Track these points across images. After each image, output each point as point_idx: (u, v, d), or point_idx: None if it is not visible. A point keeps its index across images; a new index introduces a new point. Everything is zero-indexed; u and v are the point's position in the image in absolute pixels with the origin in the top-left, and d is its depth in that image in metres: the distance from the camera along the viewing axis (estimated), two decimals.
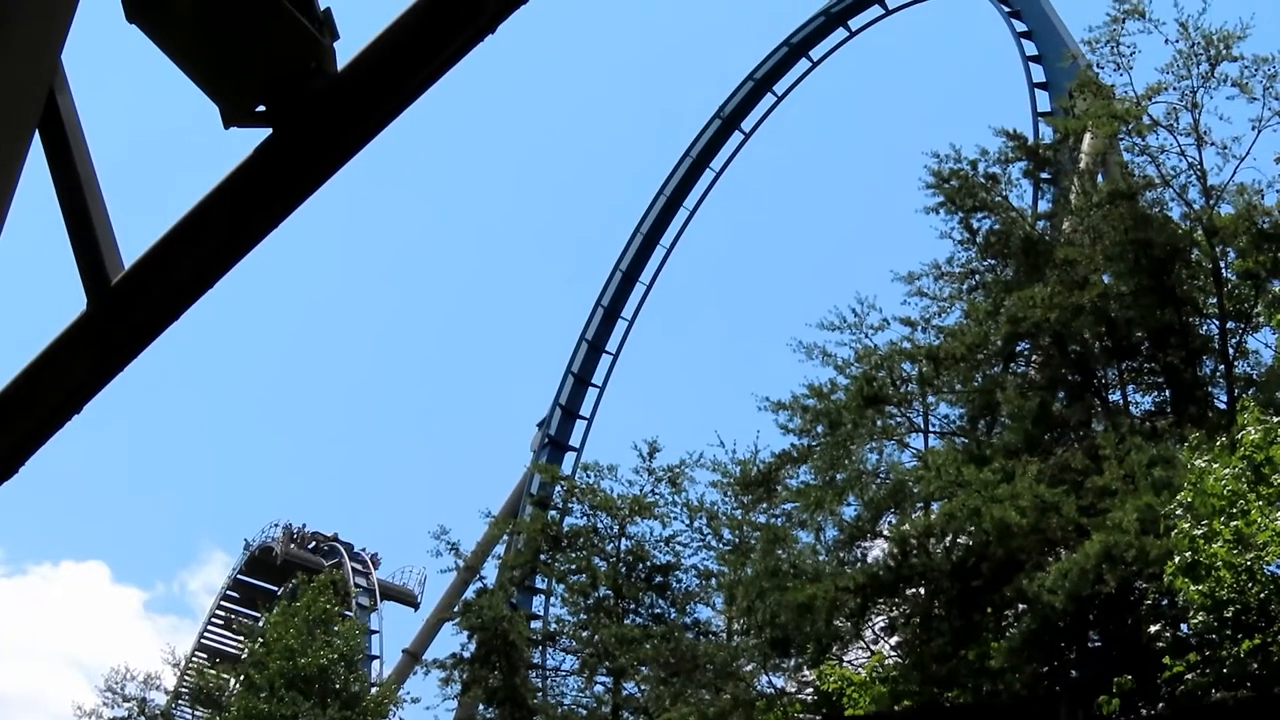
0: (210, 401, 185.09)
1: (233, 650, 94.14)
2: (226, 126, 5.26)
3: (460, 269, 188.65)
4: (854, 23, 74.49)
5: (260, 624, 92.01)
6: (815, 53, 76.25)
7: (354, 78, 5.17)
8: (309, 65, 5.16)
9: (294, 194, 5.40)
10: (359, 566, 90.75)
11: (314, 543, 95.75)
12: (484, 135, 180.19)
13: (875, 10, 73.24)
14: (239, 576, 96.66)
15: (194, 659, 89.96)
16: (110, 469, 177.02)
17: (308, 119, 5.22)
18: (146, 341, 5.75)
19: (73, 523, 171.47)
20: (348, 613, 73.25)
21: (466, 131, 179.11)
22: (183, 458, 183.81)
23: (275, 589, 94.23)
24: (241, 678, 67.53)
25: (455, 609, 57.40)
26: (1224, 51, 38.64)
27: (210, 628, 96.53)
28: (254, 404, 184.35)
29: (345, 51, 5.20)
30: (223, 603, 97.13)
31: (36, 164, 5.22)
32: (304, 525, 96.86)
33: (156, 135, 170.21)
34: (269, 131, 5.30)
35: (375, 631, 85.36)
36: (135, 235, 5.75)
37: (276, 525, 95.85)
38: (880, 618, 39.64)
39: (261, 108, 5.24)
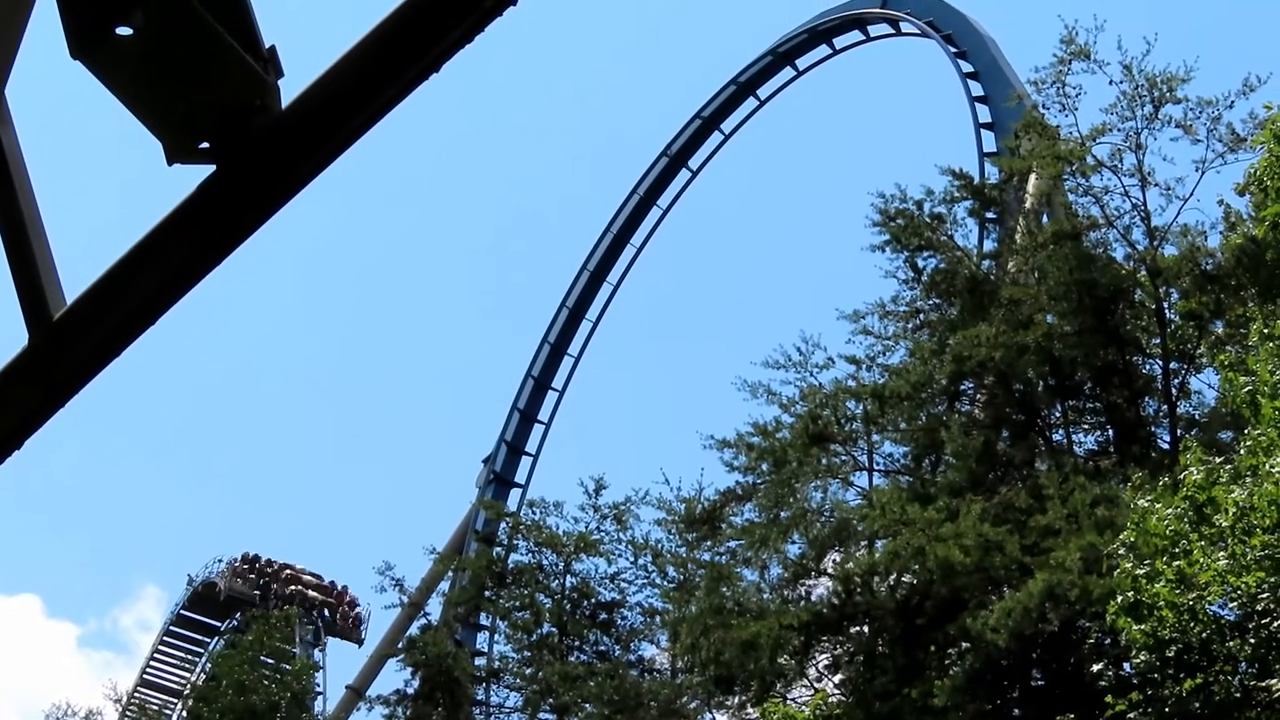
0: (144, 435, 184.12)
1: (176, 685, 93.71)
2: (170, 163, 5.25)
3: (407, 304, 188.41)
4: (801, 62, 74.65)
5: (203, 659, 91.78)
6: (763, 91, 76.38)
7: (298, 115, 5.17)
8: (253, 103, 5.16)
9: (237, 231, 5.40)
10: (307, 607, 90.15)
11: (284, 579, 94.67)
12: (434, 172, 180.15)
13: (823, 50, 73.43)
14: (182, 611, 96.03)
15: (137, 694, 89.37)
16: (43, 501, 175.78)
17: (251, 156, 5.22)
18: (88, 378, 5.74)
19: (4, 555, 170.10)
20: (299, 650, 73.01)
21: (418, 169, 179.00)
22: (116, 492, 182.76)
23: (219, 624, 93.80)
24: (185, 714, 67.20)
25: (399, 645, 57.38)
26: (1168, 93, 38.97)
27: (154, 662, 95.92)
28: (189, 438, 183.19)
29: (289, 89, 5.21)
30: (165, 638, 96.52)
31: None
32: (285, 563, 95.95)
33: (100, 170, 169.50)
34: (213, 168, 5.29)
35: (320, 668, 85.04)
36: (78, 270, 5.74)
37: (219, 560, 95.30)
38: (824, 655, 39.66)
39: (205, 145, 5.23)
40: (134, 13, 4.96)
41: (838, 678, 39.56)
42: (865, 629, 38.35)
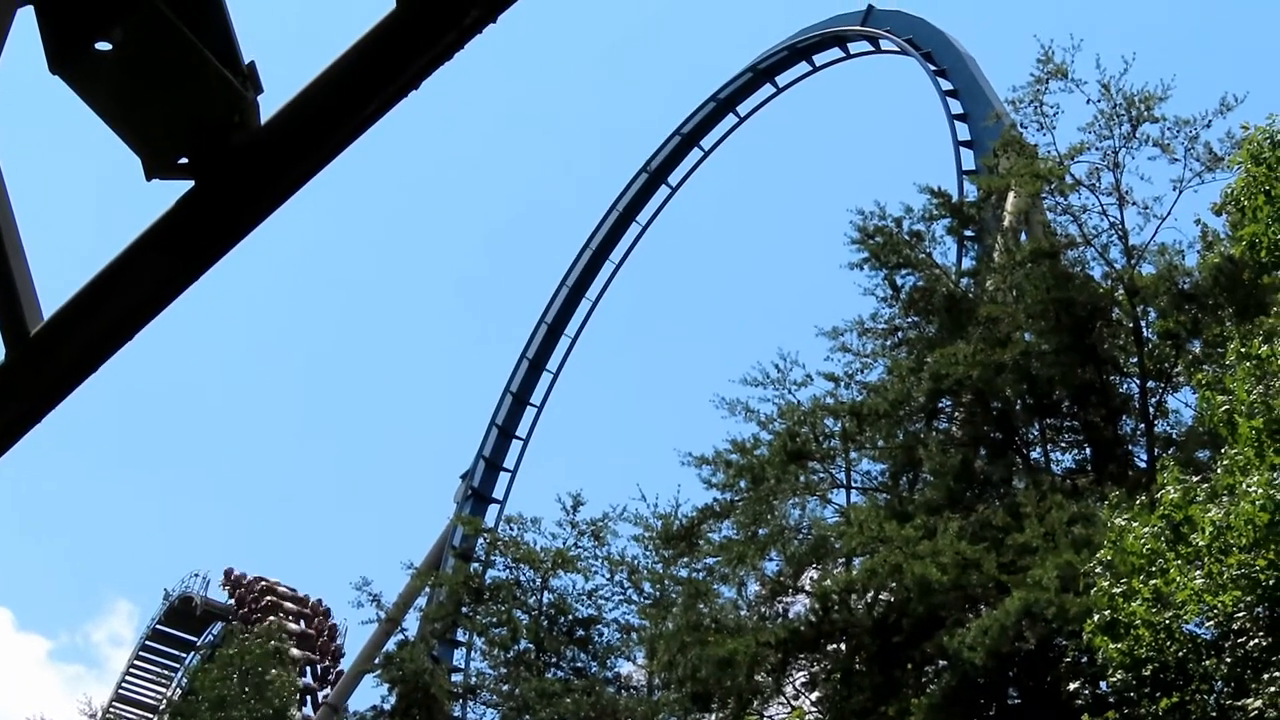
0: (118, 449, 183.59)
1: (152, 700, 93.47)
2: (149, 178, 5.24)
3: (386, 318, 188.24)
4: (781, 79, 74.74)
5: (179, 673, 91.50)
6: (742, 108, 76.46)
7: (277, 131, 5.17)
8: (233, 119, 5.16)
9: (215, 246, 5.39)
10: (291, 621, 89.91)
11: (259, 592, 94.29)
12: (414, 188, 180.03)
13: (803, 67, 73.55)
14: (158, 626, 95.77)
15: (112, 709, 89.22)
16: (14, 514, 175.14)
17: (230, 172, 5.21)
18: (65, 393, 5.73)
19: None
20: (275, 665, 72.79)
21: (399, 184, 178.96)
22: (88, 505, 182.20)
23: (194, 639, 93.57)
24: None
25: (376, 661, 57.23)
26: (1145, 112, 39.06)
27: (129, 677, 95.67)
28: (164, 452, 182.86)
29: (269, 105, 5.21)
30: (141, 652, 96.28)
31: None
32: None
33: (78, 185, 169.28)
34: (192, 183, 5.29)
35: (300, 685, 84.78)
36: (55, 285, 5.73)
37: (196, 575, 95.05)
38: (801, 673, 39.66)
39: (184, 160, 5.23)
40: (114, 28, 4.96)
41: (815, 695, 39.54)
42: (842, 646, 38.37)
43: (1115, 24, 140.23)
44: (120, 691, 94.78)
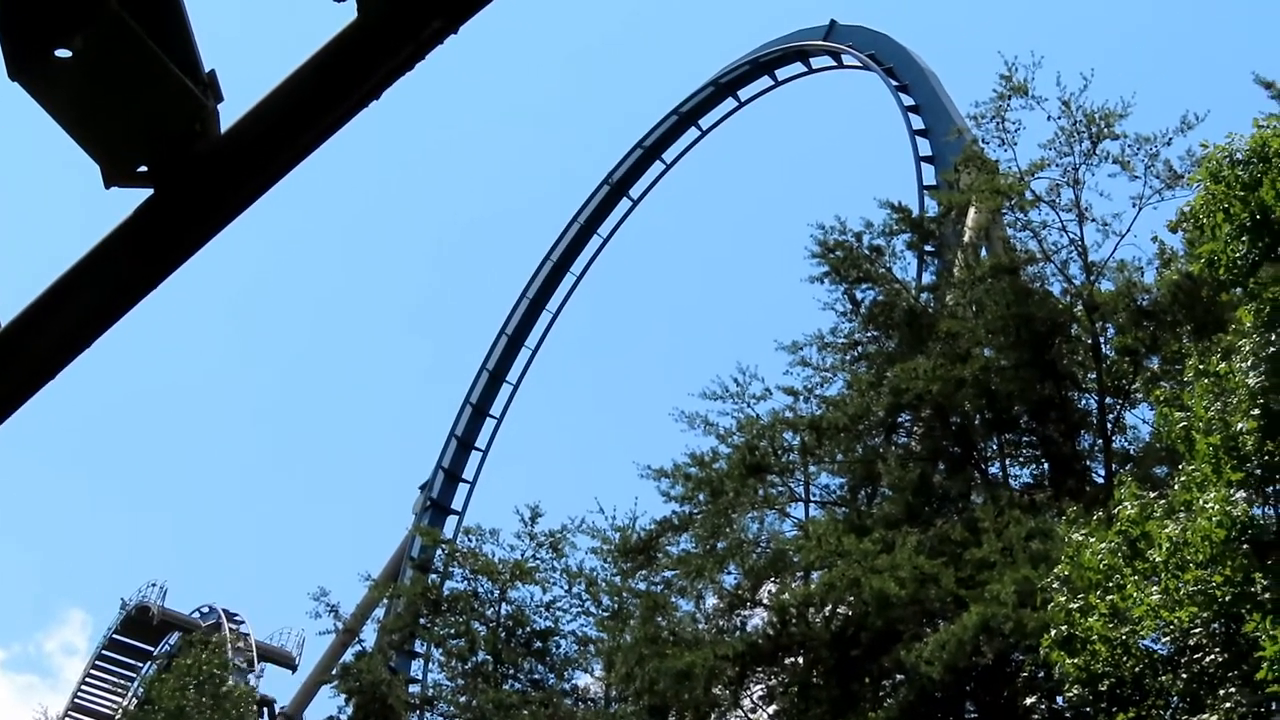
0: (73, 459, 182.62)
1: (107, 710, 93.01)
2: (108, 186, 5.23)
3: (345, 329, 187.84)
4: (743, 93, 74.95)
5: (135, 683, 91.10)
6: (704, 121, 76.63)
7: (237, 140, 5.16)
8: (193, 127, 5.14)
9: (175, 254, 5.37)
10: (235, 627, 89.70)
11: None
12: (373, 199, 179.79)
13: (765, 81, 73.73)
14: (114, 636, 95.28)
15: (68, 718, 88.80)
16: None
17: (190, 180, 5.20)
18: (20, 401, 5.70)
19: None
20: (233, 676, 72.51)
21: (357, 194, 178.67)
22: (40, 515, 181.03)
23: (151, 648, 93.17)
24: None
25: (334, 671, 57.19)
26: (1105, 129, 39.22)
27: (85, 687, 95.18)
28: (120, 463, 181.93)
29: (229, 114, 5.20)
30: (98, 661, 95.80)
31: None
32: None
33: (37, 193, 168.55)
34: (151, 191, 5.27)
35: (256, 696, 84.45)
36: (12, 292, 5.70)
37: (154, 585, 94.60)
38: (759, 686, 39.64)
39: (144, 168, 5.21)
40: (74, 35, 4.94)
41: (772, 709, 39.54)
42: (800, 660, 38.37)
43: (1077, 41, 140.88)
44: (76, 701, 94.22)
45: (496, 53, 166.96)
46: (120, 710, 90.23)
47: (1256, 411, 24.06)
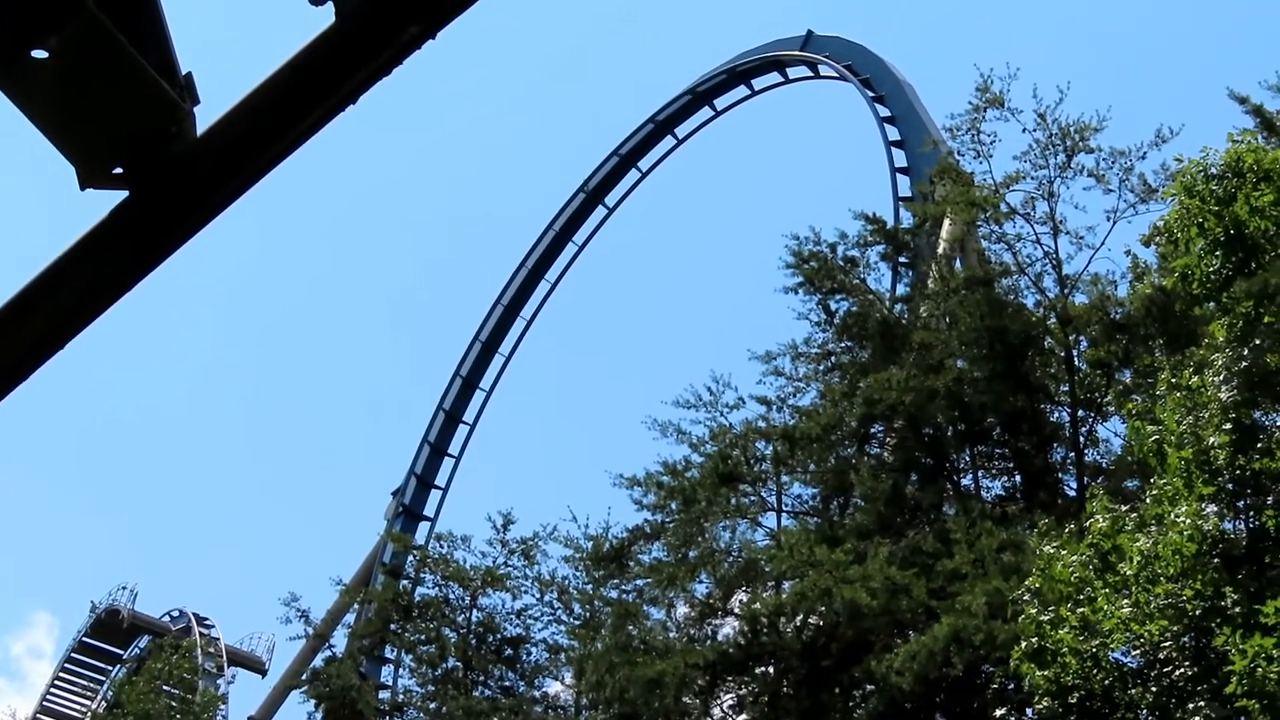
0: (40, 461, 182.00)
1: (76, 713, 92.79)
2: (83, 188, 5.20)
3: (319, 333, 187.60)
4: (720, 102, 74.98)
5: (105, 686, 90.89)
6: (681, 130, 76.65)
7: (213, 143, 5.14)
8: (169, 129, 5.12)
9: (149, 257, 5.35)
10: (205, 631, 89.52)
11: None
12: (347, 203, 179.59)
13: (741, 90, 73.77)
14: (84, 639, 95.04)
15: None
16: None
17: (165, 183, 5.17)
18: None
19: None
20: (202, 680, 72.38)
21: (331, 199, 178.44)
22: (7, 517, 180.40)
23: (121, 651, 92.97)
24: None
25: (303, 677, 57.07)
26: (1080, 142, 39.30)
27: (54, 690, 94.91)
28: (89, 465, 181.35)
29: (206, 116, 5.18)
30: (67, 664, 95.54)
31: None
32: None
33: (10, 194, 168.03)
34: (126, 194, 5.25)
35: (224, 700, 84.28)
36: None
37: (124, 588, 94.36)
38: (729, 695, 39.64)
39: (119, 170, 5.19)
40: (50, 36, 4.92)
41: (742, 718, 39.54)
42: (771, 670, 38.39)
43: (1054, 54, 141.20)
44: (45, 704, 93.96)
45: (473, 60, 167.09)
46: (89, 713, 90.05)
47: (1228, 426, 24.14)
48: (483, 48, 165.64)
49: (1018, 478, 40.92)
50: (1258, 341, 24.53)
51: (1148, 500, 25.42)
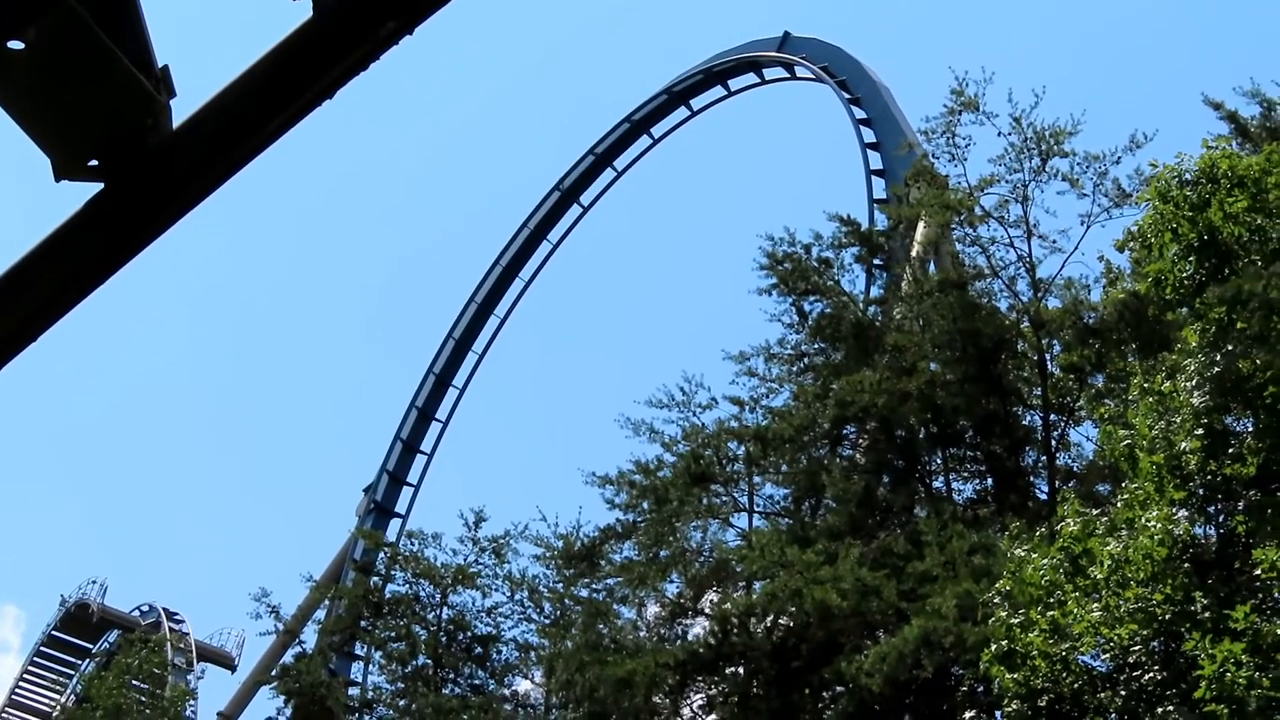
0: (7, 451, 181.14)
1: (44, 707, 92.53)
2: (58, 179, 5.19)
3: (291, 330, 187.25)
4: (696, 102, 75.03)
5: (74, 680, 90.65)
6: (656, 130, 76.66)
7: (189, 136, 5.13)
8: (145, 122, 5.10)
9: (124, 250, 5.33)
10: (175, 626, 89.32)
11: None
12: (322, 199, 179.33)
13: (718, 91, 73.83)
14: (54, 633, 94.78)
15: (4, 715, 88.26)
16: None
17: (141, 176, 5.16)
18: None
19: None
20: (171, 675, 72.20)
21: (305, 194, 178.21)
22: None
23: (90, 646, 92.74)
24: None
25: (273, 673, 56.92)
26: (1055, 147, 39.34)
27: (22, 683, 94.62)
28: (58, 459, 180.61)
29: (182, 109, 5.17)
30: (35, 658, 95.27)
31: None
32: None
33: None
34: (101, 186, 5.23)
35: (194, 695, 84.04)
36: None
37: (94, 582, 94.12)
38: (699, 695, 39.64)
39: (95, 162, 5.17)
40: (27, 28, 4.90)
41: (712, 718, 39.53)
42: (741, 670, 38.40)
43: (1030, 58, 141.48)
44: (13, 697, 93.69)
45: (449, 58, 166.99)
46: (58, 707, 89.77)
47: (1200, 431, 24.19)
48: (459, 46, 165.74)
49: (989, 480, 41.00)
50: (1230, 347, 24.58)
51: (1119, 504, 25.48)
